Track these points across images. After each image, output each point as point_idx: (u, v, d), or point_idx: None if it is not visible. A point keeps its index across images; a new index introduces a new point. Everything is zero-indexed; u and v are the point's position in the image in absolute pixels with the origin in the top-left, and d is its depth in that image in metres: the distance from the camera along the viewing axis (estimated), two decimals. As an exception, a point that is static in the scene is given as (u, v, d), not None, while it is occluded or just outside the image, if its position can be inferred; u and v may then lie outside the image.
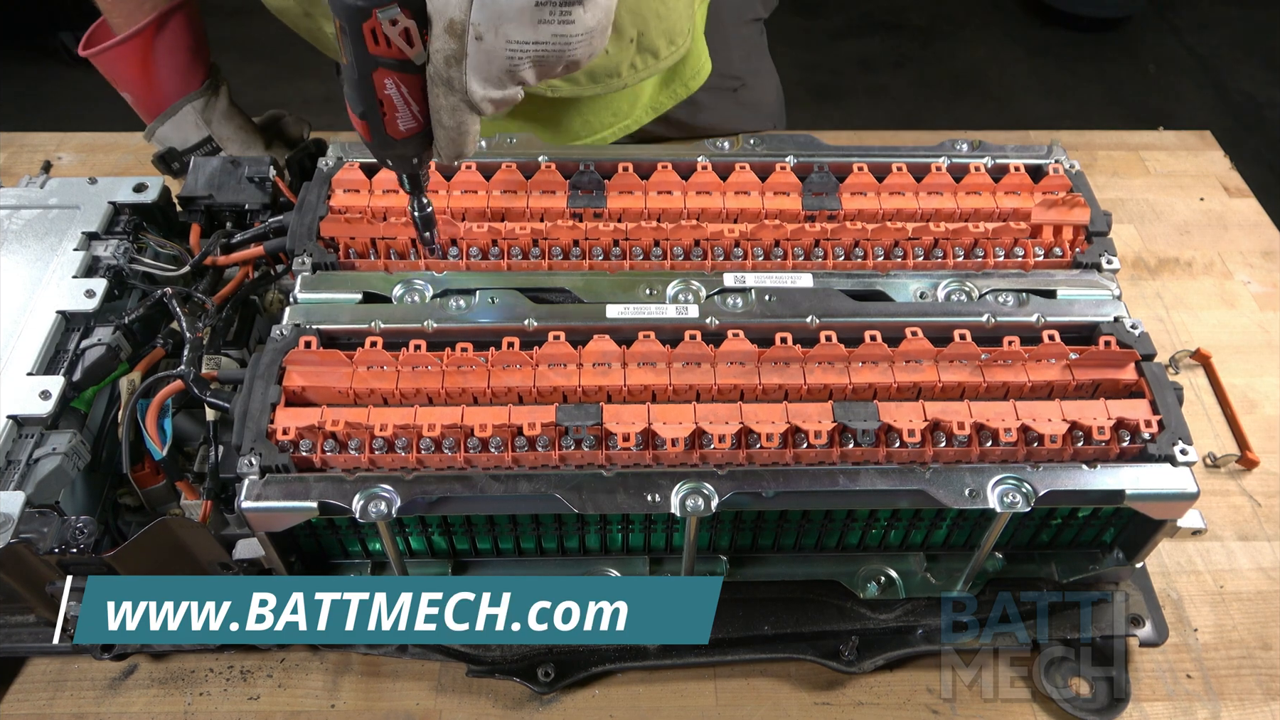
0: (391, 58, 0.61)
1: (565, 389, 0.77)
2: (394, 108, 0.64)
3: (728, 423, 0.75)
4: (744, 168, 0.92)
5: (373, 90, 0.63)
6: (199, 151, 1.12)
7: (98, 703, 0.82)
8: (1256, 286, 1.19)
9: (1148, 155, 1.36)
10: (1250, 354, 1.11)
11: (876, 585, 0.86)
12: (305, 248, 0.87)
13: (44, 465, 0.78)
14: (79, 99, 3.10)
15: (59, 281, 0.89)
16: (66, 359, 0.84)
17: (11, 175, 1.24)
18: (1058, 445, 0.75)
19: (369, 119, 0.65)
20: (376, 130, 0.66)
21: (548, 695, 0.82)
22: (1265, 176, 2.81)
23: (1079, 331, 0.84)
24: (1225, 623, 0.89)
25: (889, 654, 0.83)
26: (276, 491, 0.73)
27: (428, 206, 0.76)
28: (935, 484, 0.74)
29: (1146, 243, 1.25)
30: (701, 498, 0.73)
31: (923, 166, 0.94)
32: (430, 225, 0.77)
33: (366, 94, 0.63)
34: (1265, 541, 0.95)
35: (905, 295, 0.86)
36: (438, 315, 0.82)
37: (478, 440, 0.75)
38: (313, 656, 0.85)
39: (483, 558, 0.87)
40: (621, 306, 0.84)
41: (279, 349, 0.78)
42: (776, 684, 0.84)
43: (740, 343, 0.79)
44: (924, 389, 0.79)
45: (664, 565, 0.87)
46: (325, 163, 0.93)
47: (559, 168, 0.93)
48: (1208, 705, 0.84)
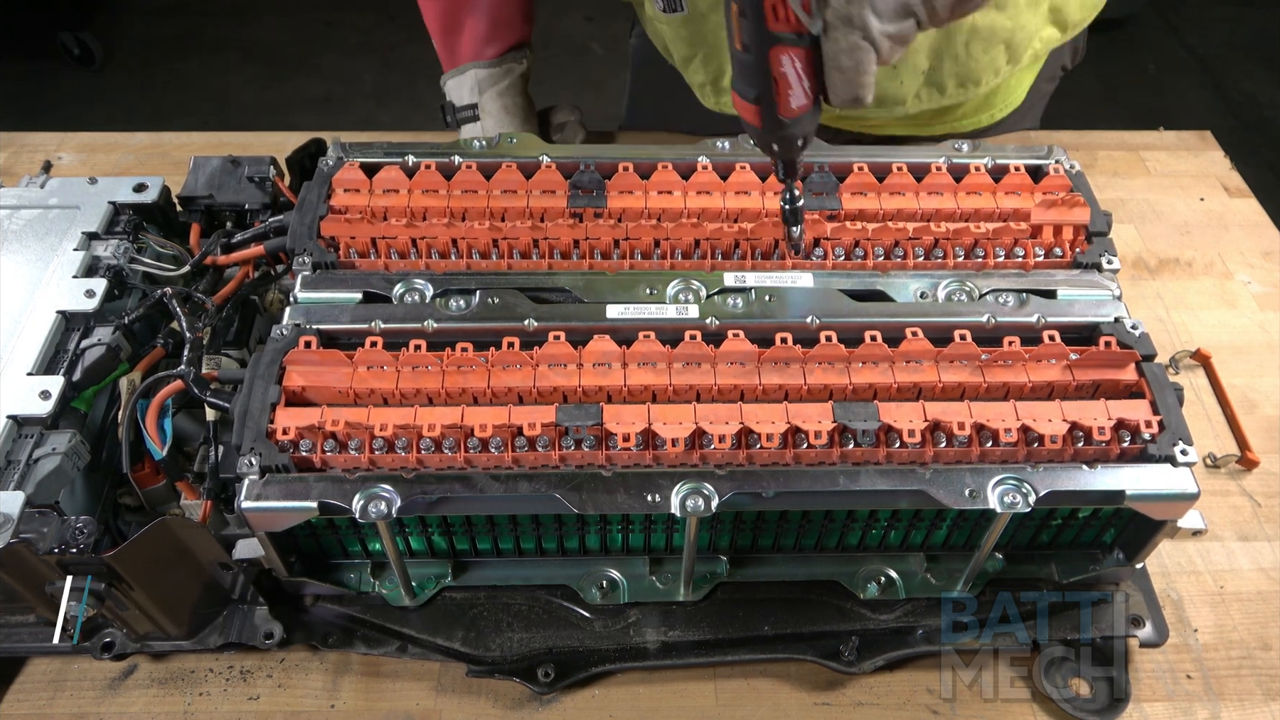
0: (790, 31, 0.63)
1: (565, 389, 0.77)
2: (788, 85, 0.66)
3: (728, 423, 0.75)
4: (744, 168, 0.92)
5: (769, 69, 0.65)
6: (465, 113, 1.18)
7: (98, 702, 0.82)
8: (1256, 286, 1.19)
9: (1148, 155, 1.36)
10: (1250, 354, 1.11)
11: (876, 585, 0.86)
12: (305, 247, 0.87)
13: (44, 465, 0.78)
14: (79, 99, 3.11)
15: (59, 281, 0.89)
16: (66, 359, 0.84)
17: (12, 175, 1.24)
18: (1058, 446, 0.75)
19: (762, 100, 0.67)
20: (768, 111, 0.68)
21: (547, 695, 0.82)
22: (1265, 176, 2.81)
23: (1079, 332, 0.84)
24: (1225, 623, 0.89)
25: (889, 654, 0.83)
26: (276, 491, 0.73)
27: (799, 199, 0.78)
28: (935, 484, 0.74)
29: (1147, 243, 1.25)
30: (701, 498, 0.73)
31: (923, 166, 0.94)
32: (799, 219, 0.79)
33: (763, 74, 0.65)
34: (1265, 541, 0.95)
35: (905, 295, 0.86)
36: (438, 315, 0.82)
37: (478, 440, 0.75)
38: (313, 656, 0.85)
39: (483, 558, 0.87)
40: (621, 306, 0.84)
41: (279, 349, 0.78)
42: (776, 684, 0.84)
43: (740, 343, 0.79)
44: (924, 389, 0.79)
45: (664, 565, 0.87)
46: (325, 162, 0.93)
47: (559, 168, 0.92)
48: (1208, 705, 0.84)
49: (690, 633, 0.84)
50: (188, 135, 1.36)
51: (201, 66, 3.24)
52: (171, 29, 3.39)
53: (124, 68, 3.23)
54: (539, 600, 0.86)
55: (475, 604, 0.85)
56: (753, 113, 0.69)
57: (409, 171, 0.93)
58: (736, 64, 0.67)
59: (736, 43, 0.65)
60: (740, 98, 0.68)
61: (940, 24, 0.66)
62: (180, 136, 1.35)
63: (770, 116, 0.68)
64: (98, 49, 3.16)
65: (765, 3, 0.62)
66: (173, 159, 1.29)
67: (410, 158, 0.93)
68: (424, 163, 0.93)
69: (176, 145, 1.32)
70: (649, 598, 0.85)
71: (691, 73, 1.19)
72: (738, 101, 0.69)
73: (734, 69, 0.68)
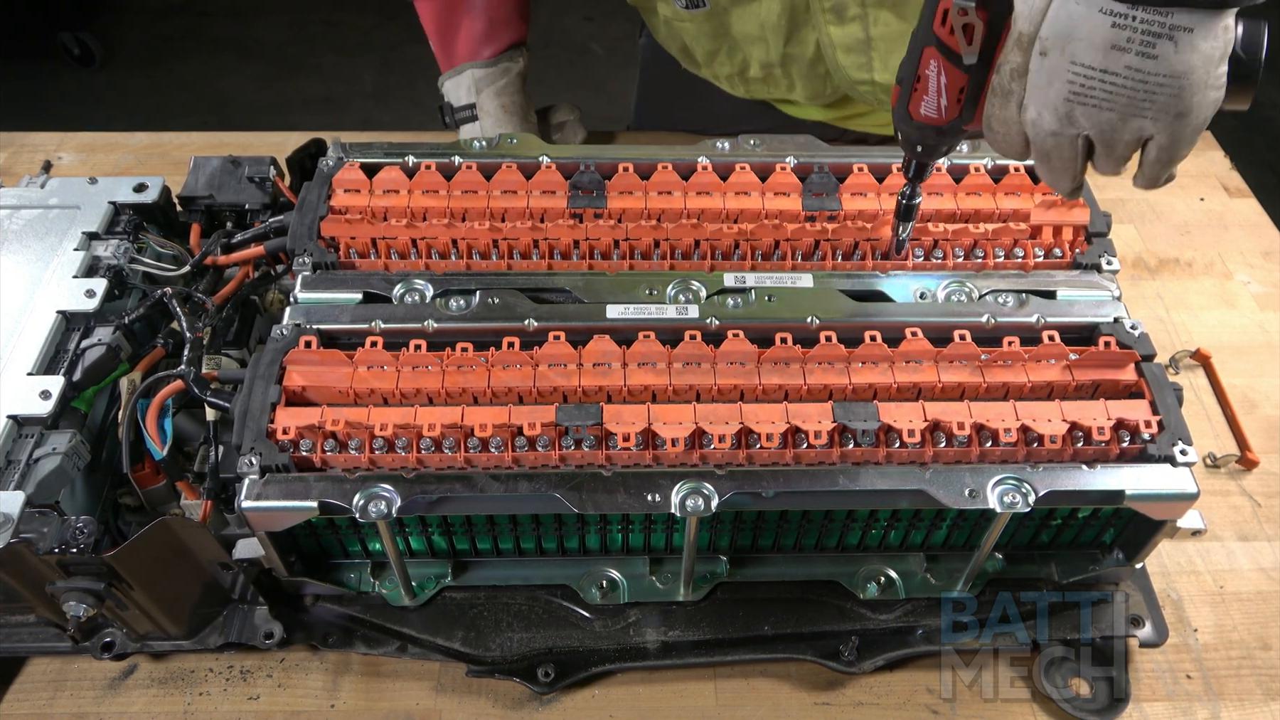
0: (944, 42, 0.63)
1: (565, 389, 0.77)
2: (925, 89, 0.66)
3: (728, 423, 0.75)
4: (744, 168, 0.92)
5: (917, 63, 0.65)
6: (464, 113, 1.17)
7: (98, 702, 0.82)
8: (1256, 286, 1.19)
9: (1148, 155, 1.36)
10: (1250, 354, 1.11)
11: (876, 585, 0.86)
12: (306, 247, 0.87)
13: (44, 465, 0.78)
14: (79, 99, 3.11)
15: (59, 281, 0.89)
16: (67, 359, 0.84)
17: (12, 175, 1.24)
18: (1058, 445, 0.76)
19: (901, 87, 0.68)
20: (901, 102, 0.68)
21: (547, 695, 0.82)
22: (1265, 176, 2.81)
23: (1079, 332, 0.84)
24: (1225, 623, 0.89)
25: (889, 654, 0.83)
26: (276, 491, 0.73)
27: (917, 197, 0.78)
28: (935, 484, 0.74)
29: (1146, 243, 1.25)
30: (701, 498, 0.73)
31: (923, 167, 0.93)
32: (911, 217, 0.80)
33: (911, 63, 0.66)
34: (1265, 541, 0.95)
35: (905, 295, 0.86)
36: (438, 315, 0.82)
37: (478, 440, 0.75)
38: (313, 656, 0.85)
39: (483, 557, 0.87)
40: (621, 306, 0.84)
41: (279, 349, 0.78)
42: (776, 684, 0.84)
43: (740, 343, 0.79)
44: (924, 389, 0.79)
45: (664, 565, 0.87)
46: (325, 162, 0.93)
47: (559, 168, 0.93)
48: (1208, 705, 0.84)
49: (690, 633, 0.84)
50: (188, 135, 1.36)
51: (201, 66, 3.24)
52: (171, 29, 3.39)
53: (124, 68, 3.23)
54: (539, 600, 0.86)
55: (475, 604, 0.85)
56: (893, 94, 0.69)
57: (409, 172, 0.93)
58: (905, 56, 0.66)
59: (919, 21, 0.65)
60: (895, 84, 0.69)
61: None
62: (180, 136, 1.35)
63: (902, 107, 0.68)
64: (98, 49, 3.16)
65: (941, 3, 0.61)
66: (173, 159, 1.29)
67: (410, 158, 0.94)
68: (424, 163, 0.93)
69: (176, 145, 1.32)
70: (649, 598, 0.85)
71: (718, 66, 1.19)
72: (892, 89, 0.70)
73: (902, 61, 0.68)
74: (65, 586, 0.73)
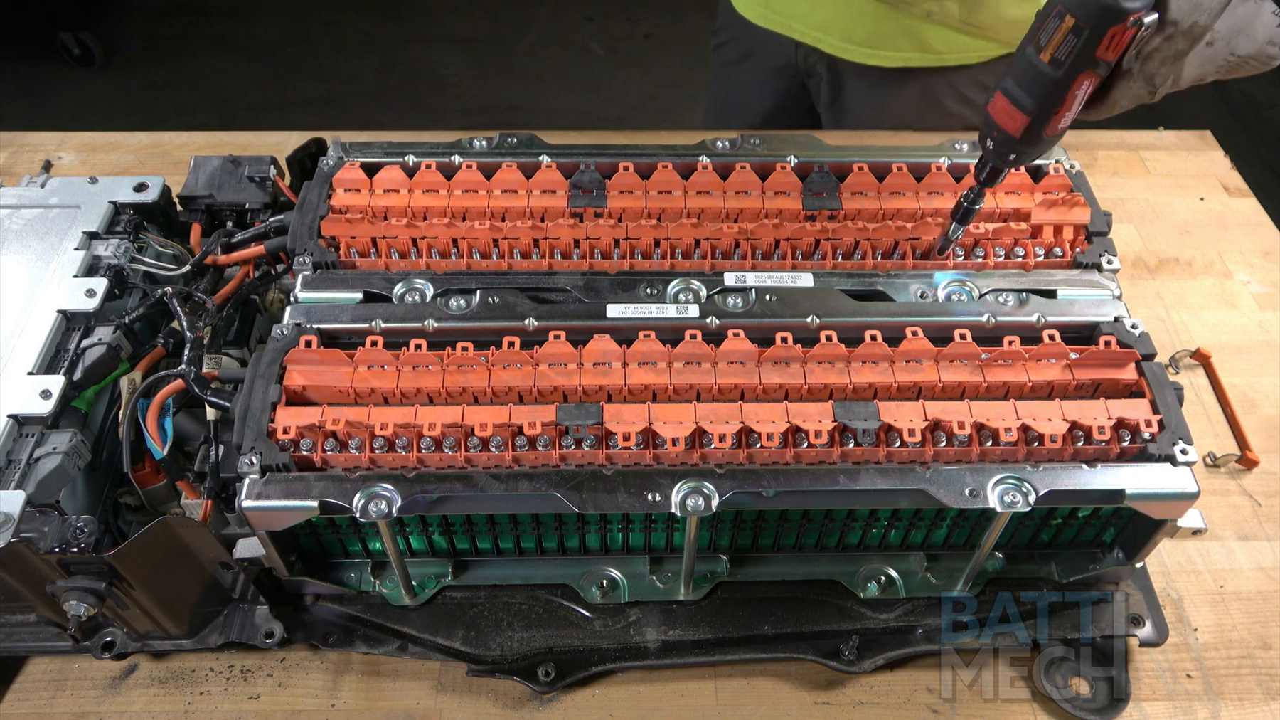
0: (1106, 61, 0.65)
1: (565, 388, 0.77)
2: (1069, 108, 0.67)
3: (728, 422, 0.75)
4: (744, 167, 0.92)
5: (1067, 89, 0.66)
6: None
7: (98, 702, 0.82)
8: (1256, 286, 1.19)
9: (1148, 155, 1.36)
10: (1250, 354, 1.11)
11: (876, 585, 0.86)
12: (306, 247, 0.87)
13: (44, 464, 0.78)
14: (79, 99, 3.11)
15: (60, 281, 0.89)
16: (67, 358, 0.84)
17: (12, 175, 1.24)
18: (1058, 445, 0.76)
19: (1038, 116, 0.68)
20: (1036, 126, 0.69)
21: (548, 695, 0.82)
22: (1265, 176, 2.81)
23: (1079, 331, 0.84)
24: (1225, 622, 0.89)
25: (889, 654, 0.83)
26: (277, 490, 0.73)
27: (980, 201, 0.80)
28: (935, 484, 0.74)
29: (1146, 242, 1.25)
30: (702, 497, 0.73)
31: (923, 166, 0.94)
32: (969, 220, 0.82)
33: (1058, 92, 0.66)
34: (1265, 541, 0.95)
35: (905, 295, 0.86)
36: (438, 315, 0.82)
37: (478, 440, 0.75)
38: (313, 656, 0.85)
39: (483, 557, 0.87)
40: (622, 306, 0.84)
41: (280, 348, 0.78)
42: (776, 684, 0.84)
43: (740, 342, 0.79)
44: (924, 389, 0.79)
45: (664, 564, 0.87)
46: (326, 162, 0.94)
47: (559, 167, 0.93)
48: (1208, 705, 0.84)
49: (690, 632, 0.84)
50: (188, 135, 1.36)
51: (201, 66, 3.24)
52: (171, 29, 3.39)
53: (124, 68, 3.23)
54: (539, 599, 0.86)
55: (475, 603, 0.85)
56: (1018, 123, 0.69)
57: (409, 171, 0.93)
58: (1029, 74, 0.66)
59: (1046, 55, 0.65)
60: (1011, 104, 0.68)
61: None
62: (180, 136, 1.35)
63: (1035, 131, 0.69)
64: (98, 49, 3.16)
65: (1112, 28, 0.62)
66: (173, 159, 1.29)
67: (410, 158, 0.94)
68: (424, 162, 0.93)
69: (176, 145, 1.32)
70: (649, 597, 0.85)
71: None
72: (1004, 107, 0.69)
73: (1019, 77, 0.68)
74: (66, 586, 0.73)
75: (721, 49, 1.47)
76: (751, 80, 1.44)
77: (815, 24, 1.26)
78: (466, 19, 3.38)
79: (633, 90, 3.16)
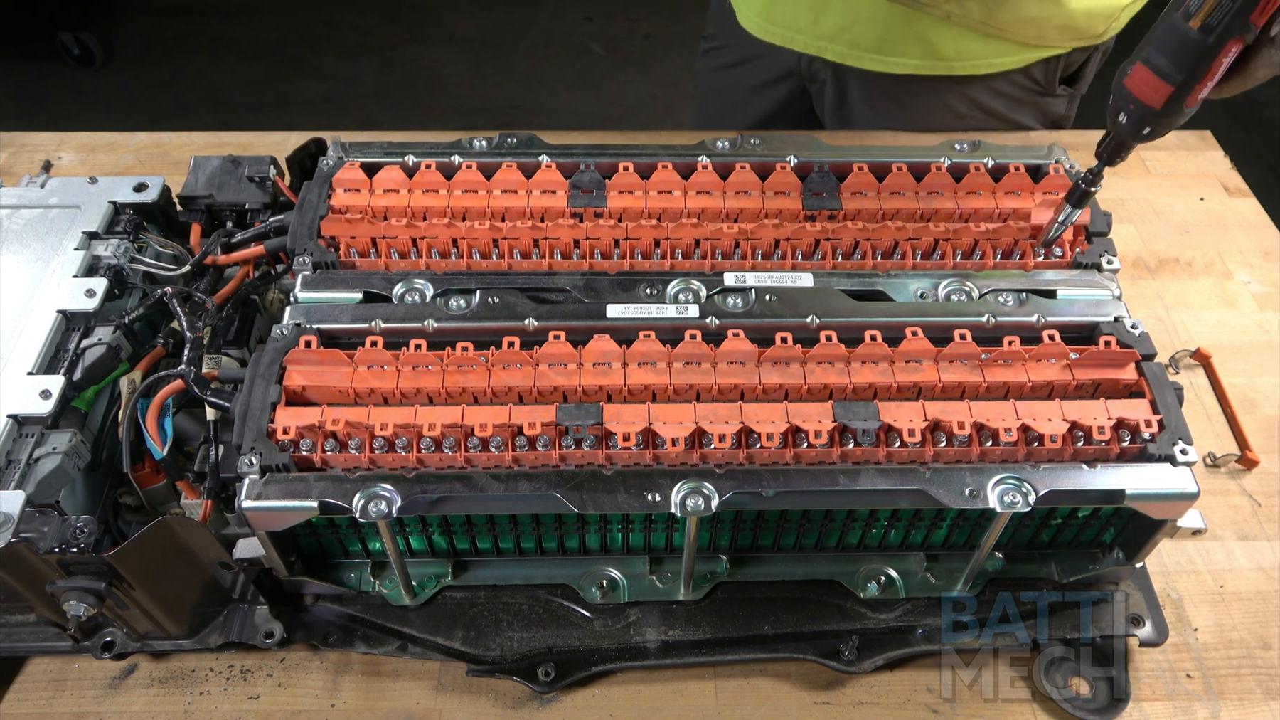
0: (1255, 27, 0.63)
1: (565, 389, 0.77)
2: (1213, 76, 0.66)
3: (728, 422, 0.75)
4: (744, 167, 0.92)
5: (1214, 58, 0.64)
6: None
7: (98, 702, 0.82)
8: (1256, 286, 1.19)
9: (1148, 155, 1.36)
10: (1250, 354, 1.11)
11: (876, 585, 0.86)
12: (306, 247, 0.87)
13: (44, 465, 0.78)
14: (79, 99, 3.11)
15: (59, 281, 0.89)
16: (67, 358, 0.84)
17: (12, 175, 1.24)
18: (1058, 445, 0.76)
19: (1183, 85, 0.66)
20: (1179, 96, 0.67)
21: (548, 695, 0.82)
22: (1265, 176, 2.81)
23: (1079, 331, 0.84)
24: (1225, 622, 0.89)
25: (889, 654, 0.83)
26: (277, 491, 0.73)
27: (1099, 182, 0.78)
28: (935, 484, 0.74)
29: (1146, 243, 1.25)
30: (701, 497, 0.73)
31: (923, 166, 0.94)
32: (1084, 204, 0.80)
33: (1206, 60, 0.65)
34: (1265, 541, 0.95)
35: (905, 295, 0.86)
36: (438, 315, 0.82)
37: (478, 440, 0.75)
38: (313, 656, 0.85)
39: (483, 557, 0.87)
40: (621, 306, 0.84)
41: (279, 348, 0.78)
42: (776, 684, 0.84)
43: (740, 342, 0.79)
44: (924, 389, 0.79)
45: (664, 565, 0.87)
46: (325, 162, 0.94)
47: (559, 167, 0.93)
48: (1208, 705, 0.84)
49: (690, 632, 0.84)
50: (188, 135, 1.36)
51: (201, 66, 3.24)
52: (171, 29, 3.39)
53: (124, 68, 3.23)
54: (539, 600, 0.86)
55: (475, 603, 0.85)
56: (1161, 94, 0.67)
57: (409, 171, 0.93)
58: (1175, 42, 0.65)
59: (1196, 21, 0.63)
60: (1155, 74, 0.66)
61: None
62: (180, 136, 1.35)
63: (1177, 102, 0.67)
64: (98, 49, 3.16)
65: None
66: (173, 159, 1.29)
67: (410, 158, 0.94)
68: (424, 162, 0.93)
69: (176, 145, 1.32)
70: (649, 597, 0.85)
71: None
72: (1145, 78, 0.67)
73: (1163, 47, 0.66)
74: (65, 586, 0.73)
75: (713, 53, 1.46)
76: (747, 84, 1.43)
77: (820, 34, 1.25)
78: (466, 19, 3.38)
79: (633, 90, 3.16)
